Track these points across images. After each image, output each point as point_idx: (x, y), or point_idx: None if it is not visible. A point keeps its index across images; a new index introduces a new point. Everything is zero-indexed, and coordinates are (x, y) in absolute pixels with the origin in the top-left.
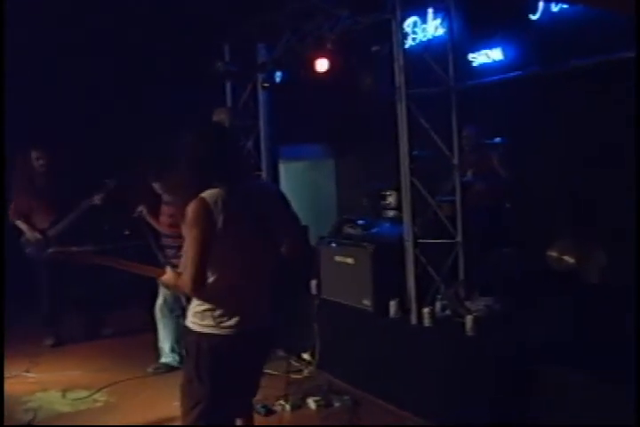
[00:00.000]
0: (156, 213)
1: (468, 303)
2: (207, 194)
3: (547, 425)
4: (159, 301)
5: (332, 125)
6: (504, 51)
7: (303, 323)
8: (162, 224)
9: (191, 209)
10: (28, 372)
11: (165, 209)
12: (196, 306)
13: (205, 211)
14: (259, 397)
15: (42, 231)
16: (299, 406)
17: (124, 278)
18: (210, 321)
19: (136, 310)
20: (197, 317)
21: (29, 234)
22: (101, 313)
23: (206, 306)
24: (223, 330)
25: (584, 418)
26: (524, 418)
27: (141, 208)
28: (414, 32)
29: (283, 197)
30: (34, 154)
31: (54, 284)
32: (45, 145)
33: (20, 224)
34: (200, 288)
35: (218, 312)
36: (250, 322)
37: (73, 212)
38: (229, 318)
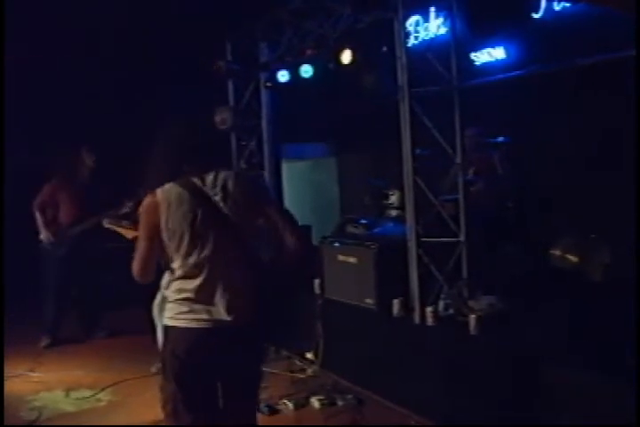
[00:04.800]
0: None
1: (471, 302)
2: (162, 189)
3: (549, 425)
4: (157, 300)
5: (334, 124)
6: (507, 49)
7: (307, 322)
8: None
9: (142, 206)
10: (32, 371)
11: None
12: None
13: (153, 207)
14: (263, 396)
15: (59, 228)
16: (302, 405)
17: (124, 277)
18: (170, 313)
19: (139, 309)
20: (165, 310)
21: (43, 233)
22: (98, 314)
23: (169, 298)
24: (180, 322)
25: (585, 418)
26: (527, 417)
27: (131, 204)
28: (416, 31)
29: (264, 193)
30: (87, 151)
31: (62, 285)
32: (98, 145)
33: (38, 218)
34: (142, 277)
35: (176, 304)
36: (213, 316)
37: (101, 215)
38: (187, 311)
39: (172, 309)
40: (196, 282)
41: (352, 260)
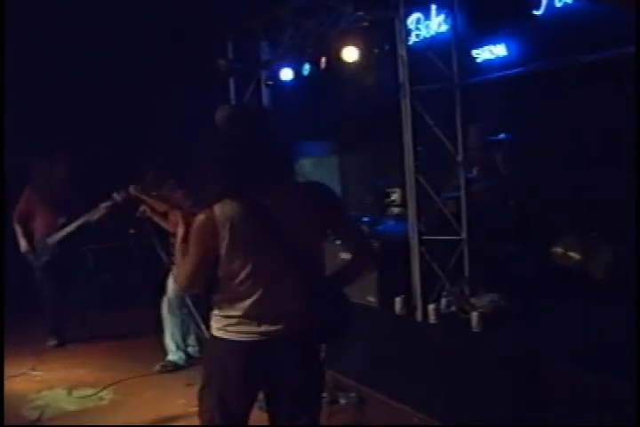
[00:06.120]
0: (162, 212)
1: (473, 300)
2: (220, 207)
3: (549, 424)
4: (166, 298)
5: (336, 122)
6: (508, 47)
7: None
8: (171, 223)
9: (196, 222)
10: (34, 370)
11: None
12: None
13: (208, 227)
14: (262, 395)
15: (36, 238)
16: None
17: (130, 277)
18: (220, 324)
19: (141, 309)
20: (213, 320)
21: (22, 244)
22: (88, 315)
23: (217, 310)
24: (230, 334)
25: (585, 418)
26: (528, 416)
27: (144, 208)
28: (418, 29)
29: (337, 206)
30: (59, 157)
31: (56, 290)
32: (70, 150)
33: (17, 229)
34: (191, 289)
35: (226, 316)
36: (265, 328)
37: (76, 221)
38: (236, 323)
39: (222, 320)
40: (251, 301)
41: None
